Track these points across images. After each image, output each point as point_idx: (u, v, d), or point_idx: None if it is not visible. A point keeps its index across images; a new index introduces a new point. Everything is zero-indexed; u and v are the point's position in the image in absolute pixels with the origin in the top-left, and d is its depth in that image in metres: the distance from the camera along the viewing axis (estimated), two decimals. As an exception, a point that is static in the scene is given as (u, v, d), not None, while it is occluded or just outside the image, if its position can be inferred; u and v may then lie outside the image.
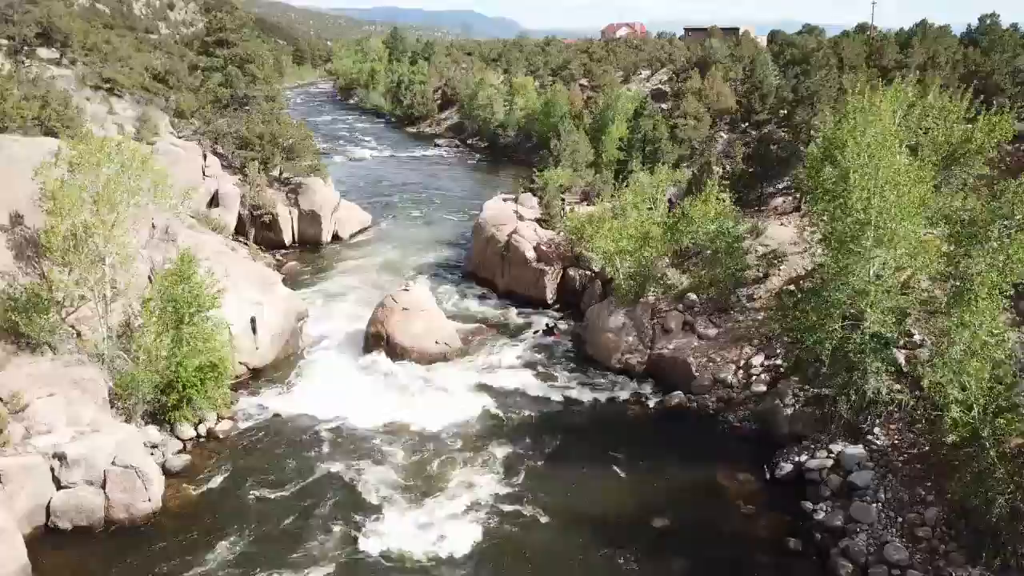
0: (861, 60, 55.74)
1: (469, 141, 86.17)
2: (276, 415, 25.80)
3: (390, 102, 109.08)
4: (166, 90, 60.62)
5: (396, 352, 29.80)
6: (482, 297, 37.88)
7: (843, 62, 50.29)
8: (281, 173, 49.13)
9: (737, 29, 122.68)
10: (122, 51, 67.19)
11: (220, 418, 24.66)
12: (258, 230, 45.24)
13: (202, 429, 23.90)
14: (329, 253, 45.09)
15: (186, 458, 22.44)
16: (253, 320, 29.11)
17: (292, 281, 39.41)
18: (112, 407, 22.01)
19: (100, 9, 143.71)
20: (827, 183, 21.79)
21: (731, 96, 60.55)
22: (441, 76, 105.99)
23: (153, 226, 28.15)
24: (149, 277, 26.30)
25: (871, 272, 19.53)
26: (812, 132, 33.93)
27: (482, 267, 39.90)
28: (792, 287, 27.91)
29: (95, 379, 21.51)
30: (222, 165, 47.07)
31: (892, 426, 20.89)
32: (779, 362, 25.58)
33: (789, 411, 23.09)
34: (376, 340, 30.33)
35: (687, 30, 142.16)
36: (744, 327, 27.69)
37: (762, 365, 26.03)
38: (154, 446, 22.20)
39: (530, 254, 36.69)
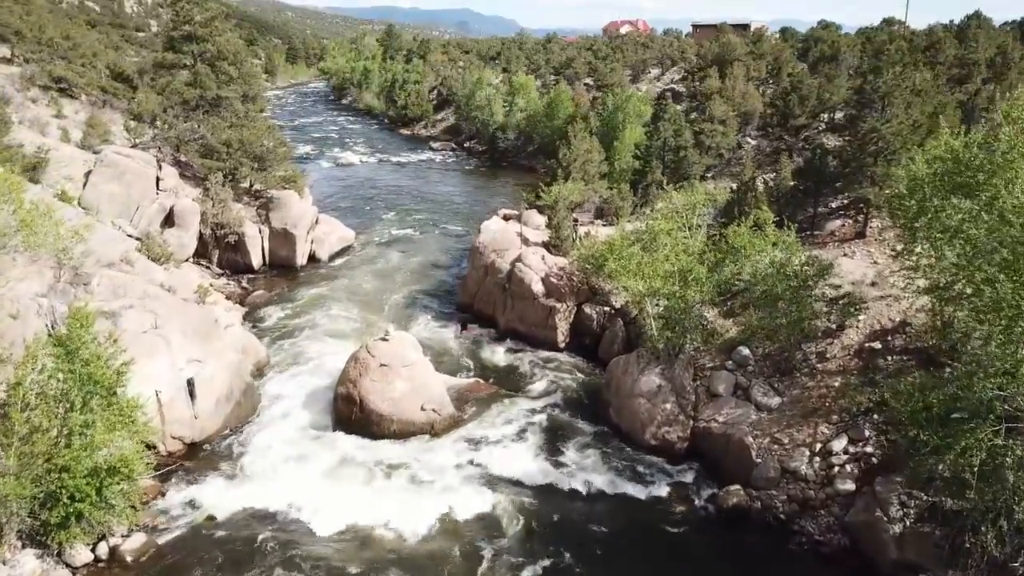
0: (902, 55, 49.67)
1: (466, 144, 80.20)
2: (211, 518, 19.73)
3: (384, 102, 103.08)
4: (128, 90, 54.47)
5: (372, 422, 23.66)
6: (479, 337, 31.79)
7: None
8: (252, 186, 43.06)
9: (747, 25, 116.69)
10: (84, 47, 61.03)
11: (132, 528, 18.59)
12: (222, 252, 39.13)
13: (103, 548, 17.77)
14: (304, 279, 38.95)
15: (73, 599, 16.42)
16: (190, 382, 23.08)
17: (257, 313, 33.53)
18: (-31, 530, 15.96)
19: (89, 7, 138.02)
20: (949, 219, 15.90)
21: (757, 97, 54.54)
22: (437, 75, 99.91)
23: (59, 265, 22.07)
24: (50, 334, 20.23)
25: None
26: (881, 142, 27.94)
27: (479, 299, 33.79)
28: (878, 344, 21.91)
29: (-61, 497, 15.45)
30: (184, 176, 41.03)
31: (1062, 571, 14.84)
32: (870, 449, 19.49)
33: (896, 528, 17.00)
34: (347, 404, 24.17)
35: (695, 26, 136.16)
36: (816, 396, 21.53)
37: (846, 452, 19.84)
38: (28, 584, 16.22)
39: (537, 287, 30.58)
